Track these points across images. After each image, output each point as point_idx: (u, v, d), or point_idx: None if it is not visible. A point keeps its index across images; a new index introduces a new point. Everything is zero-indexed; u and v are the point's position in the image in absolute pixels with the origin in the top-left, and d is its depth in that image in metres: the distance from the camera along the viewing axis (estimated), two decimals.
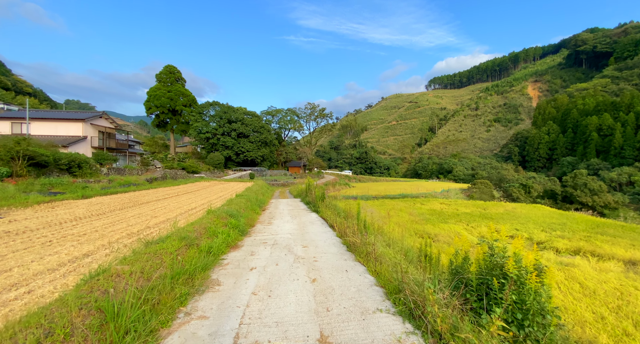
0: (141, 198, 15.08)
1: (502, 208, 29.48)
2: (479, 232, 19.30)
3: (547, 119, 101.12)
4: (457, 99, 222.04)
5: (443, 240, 16.73)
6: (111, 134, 29.06)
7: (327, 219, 8.88)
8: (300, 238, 6.88)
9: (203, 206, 11.92)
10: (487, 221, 22.33)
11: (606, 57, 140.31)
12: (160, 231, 6.83)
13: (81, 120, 25.22)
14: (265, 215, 10.73)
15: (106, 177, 21.64)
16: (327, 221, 8.78)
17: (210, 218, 7.10)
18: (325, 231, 7.66)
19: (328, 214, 9.32)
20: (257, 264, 4.93)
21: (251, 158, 56.83)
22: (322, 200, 11.56)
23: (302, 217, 10.14)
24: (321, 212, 10.36)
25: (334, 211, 9.83)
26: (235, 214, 8.17)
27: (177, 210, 10.90)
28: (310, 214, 10.94)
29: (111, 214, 10.05)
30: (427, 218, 23.67)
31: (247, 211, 10.20)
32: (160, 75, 56.91)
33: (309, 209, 12.53)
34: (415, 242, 13.07)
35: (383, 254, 4.96)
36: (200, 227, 5.84)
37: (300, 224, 8.61)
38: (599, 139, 78.91)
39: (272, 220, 9.54)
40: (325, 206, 10.70)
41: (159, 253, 4.07)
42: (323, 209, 10.45)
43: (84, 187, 17.09)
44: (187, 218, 9.08)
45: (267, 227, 8.32)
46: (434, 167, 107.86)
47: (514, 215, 25.08)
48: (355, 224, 6.89)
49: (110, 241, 6.25)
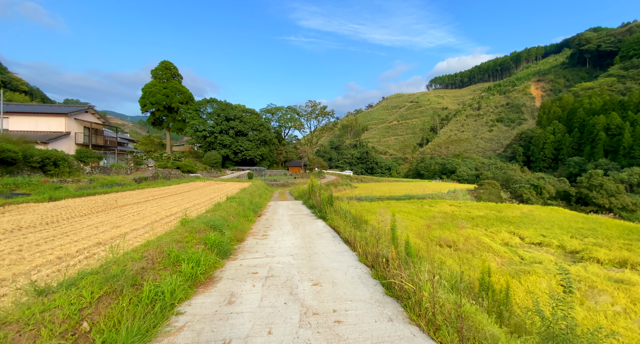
0: (119, 201, 13.06)
1: (518, 211, 27.44)
2: (501, 238, 17.28)
3: (552, 119, 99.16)
4: (459, 98, 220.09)
5: (465, 248, 14.69)
6: (98, 131, 26.98)
7: (340, 230, 6.87)
8: (308, 264, 4.96)
9: (187, 211, 9.91)
10: (507, 226, 20.30)
11: (611, 56, 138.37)
12: (100, 256, 4.79)
13: (63, 114, 23.15)
14: (260, 223, 8.70)
15: (88, 177, 19.62)
16: (340, 234, 6.77)
17: (182, 233, 5.08)
18: (340, 250, 5.67)
19: (339, 223, 7.31)
20: (234, 331, 2.87)
21: (250, 157, 54.79)
22: (329, 204, 9.55)
23: (307, 226, 8.12)
24: (330, 220, 8.34)
25: (345, 218, 7.79)
26: (219, 225, 6.15)
27: (151, 217, 8.88)
28: (316, 221, 8.93)
29: (66, 222, 8.02)
30: (440, 222, 21.61)
31: (238, 218, 8.17)
32: (156, 71, 54.86)
33: (313, 214, 10.52)
34: (444, 255, 11.05)
35: (447, 302, 2.91)
36: (156, 251, 3.83)
37: (305, 238, 6.61)
38: (607, 139, 76.94)
39: (269, 231, 7.52)
40: (334, 211, 8.69)
41: (37, 323, 2.06)
42: (332, 216, 8.43)
43: (57, 188, 15.06)
44: (157, 229, 7.05)
45: (261, 242, 6.30)
46: (437, 168, 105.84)
47: (534, 218, 23.04)
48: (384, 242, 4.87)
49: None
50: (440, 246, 14.91)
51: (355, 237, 5.66)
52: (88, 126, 25.05)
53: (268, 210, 12.32)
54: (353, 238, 5.56)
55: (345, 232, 6.32)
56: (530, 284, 9.88)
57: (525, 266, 12.47)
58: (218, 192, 19.73)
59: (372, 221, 14.96)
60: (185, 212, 7.23)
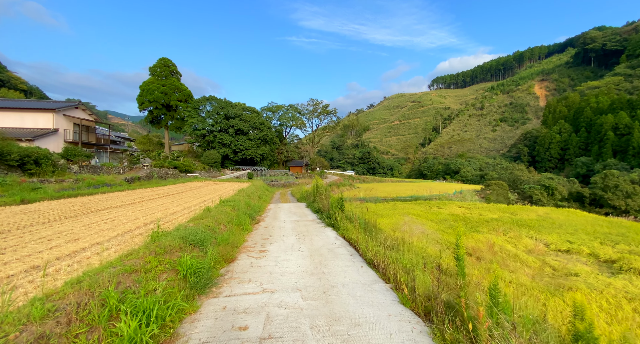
0: (100, 203, 11.61)
1: (534, 213, 25.88)
2: (524, 245, 15.74)
3: (558, 118, 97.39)
4: (461, 98, 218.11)
5: (488, 258, 13.13)
6: (90, 128, 25.57)
7: (359, 244, 5.38)
8: (325, 310, 3.31)
9: (171, 217, 8.45)
10: (526, 230, 18.75)
11: (616, 55, 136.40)
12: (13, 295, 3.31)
13: (51, 110, 21.74)
14: (258, 232, 7.23)
15: (74, 176, 18.21)
16: (359, 250, 5.29)
17: (144, 256, 3.61)
18: (367, 279, 4.11)
19: (356, 235, 5.81)
20: None
21: (250, 157, 53.36)
22: (340, 209, 8.07)
23: (314, 236, 6.65)
24: (342, 229, 6.87)
25: (366, 231, 6.31)
26: (202, 239, 4.68)
27: (126, 225, 7.43)
28: (325, 230, 7.45)
29: (18, 231, 6.58)
30: (453, 226, 20.08)
31: (231, 227, 6.70)
32: (154, 69, 53.49)
33: (320, 220, 9.05)
34: (468, 267, 9.56)
35: None
36: (85, 294, 2.35)
37: (314, 256, 5.13)
38: (616, 139, 75.19)
39: (268, 244, 6.05)
40: (346, 218, 7.20)
41: None
42: (344, 224, 6.96)
43: (35, 188, 13.64)
44: (125, 244, 5.59)
45: (256, 262, 4.82)
46: (440, 168, 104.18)
47: (553, 222, 21.49)
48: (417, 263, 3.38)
49: None
50: (401, 231, 13.44)
51: (381, 256, 4.17)
52: (78, 123, 23.64)
53: (268, 215, 10.86)
54: (383, 262, 4.07)
55: (367, 249, 4.82)
56: (579, 304, 8.39)
57: (561, 279, 10.95)
58: (214, 193, 18.29)
59: (382, 225, 13.48)
60: (157, 223, 5.73)
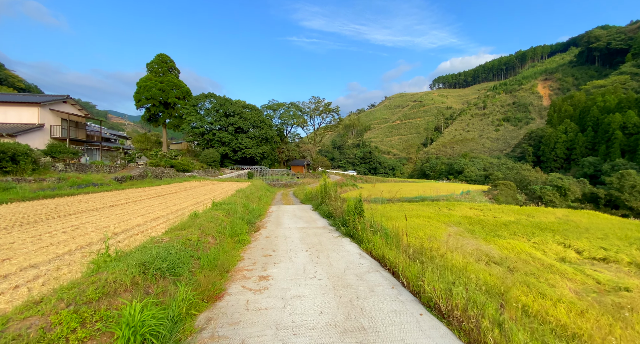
0: (76, 206, 10.08)
1: (552, 215, 24.29)
2: (554, 252, 14.14)
3: (564, 117, 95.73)
4: (463, 98, 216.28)
5: (521, 268, 11.51)
6: (80, 124, 24.03)
7: (399, 270, 3.81)
8: None
9: (151, 224, 6.90)
10: (551, 235, 17.16)
11: (621, 54, 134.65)
12: None
13: (36, 104, 20.21)
14: (257, 246, 5.67)
15: (58, 175, 16.69)
16: (400, 276, 3.72)
17: (51, 311, 2.04)
18: None
19: (390, 254, 4.25)
20: None
21: (250, 156, 51.79)
22: (359, 214, 6.51)
23: (332, 252, 5.09)
24: (366, 242, 5.32)
25: (391, 242, 4.74)
26: (175, 266, 3.13)
27: (89, 236, 5.88)
28: (342, 242, 5.89)
29: None
30: (469, 229, 18.46)
31: (222, 239, 5.14)
32: (152, 65, 51.93)
33: (333, 227, 7.50)
34: None
35: None
36: None
37: (341, 290, 3.51)
38: (624, 138, 73.53)
39: (270, 265, 4.49)
40: (370, 229, 5.64)
41: None
42: (368, 235, 5.41)
43: (7, 188, 12.12)
44: (60, 272, 4.05)
45: (254, 301, 3.21)
46: (443, 168, 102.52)
47: (577, 226, 19.90)
48: None
49: None
50: (487, 264, 11.86)
51: (458, 303, 2.60)
52: (66, 118, 22.10)
53: (269, 219, 9.31)
54: (453, 305, 2.49)
55: (418, 279, 3.20)
56: None
57: (612, 295, 9.33)
58: (210, 193, 16.75)
59: (390, 227, 11.92)
60: (106, 242, 4.19)
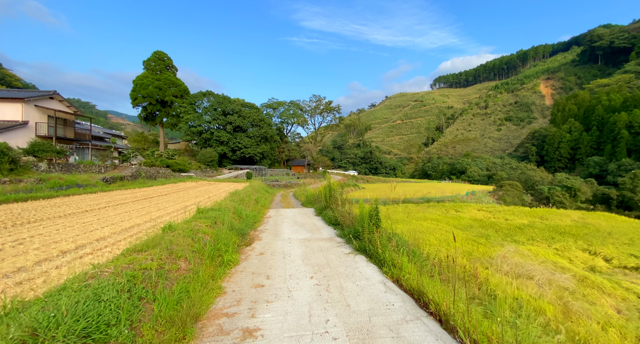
0: (45, 211, 8.82)
1: (567, 218, 22.98)
2: (581, 260, 12.84)
3: (568, 117, 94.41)
4: (464, 98, 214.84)
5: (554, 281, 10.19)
6: (68, 121, 22.76)
7: (455, 320, 2.54)
8: None
9: (117, 238, 5.63)
10: (572, 240, 15.85)
11: (624, 52, 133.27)
12: None
13: (19, 100, 18.95)
14: (247, 268, 4.38)
15: (38, 175, 15.42)
16: (454, 328, 2.47)
17: None
18: None
19: (438, 293, 2.96)
20: None
21: (249, 155, 50.50)
22: (375, 225, 5.23)
23: (345, 281, 3.82)
24: (389, 265, 4.04)
25: (429, 270, 3.44)
26: (109, 323, 1.81)
27: (27, 257, 4.62)
28: (357, 262, 4.61)
29: None
30: (483, 234, 17.11)
31: (199, 262, 3.86)
32: (148, 62, 50.67)
33: (341, 239, 6.22)
34: (531, 297, 6.72)
35: None
36: None
37: None
38: (630, 137, 72.20)
39: (261, 306, 3.19)
40: (392, 247, 4.38)
41: None
42: (391, 254, 4.12)
43: None
44: None
45: None
46: (445, 168, 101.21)
47: (597, 229, 18.57)
48: None
49: None
50: (506, 274, 10.55)
51: None
52: (53, 115, 20.84)
53: (266, 228, 8.03)
54: None
55: None
56: None
57: None
58: (204, 195, 15.49)
59: (399, 231, 10.59)
60: (24, 271, 2.92)
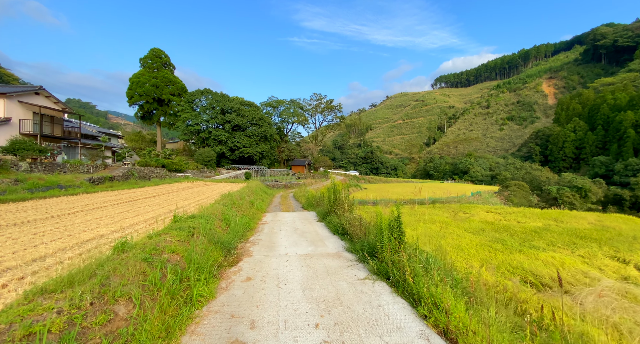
0: (4, 217, 7.57)
1: (584, 220, 21.69)
2: (612, 269, 11.54)
3: (572, 116, 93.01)
4: (465, 97, 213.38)
5: (594, 298, 8.89)
6: (55, 119, 21.56)
7: None
8: None
9: (65, 255, 4.40)
10: (595, 245, 14.55)
11: (628, 51, 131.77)
12: None
13: (1, 95, 17.78)
14: (223, 305, 3.15)
15: (16, 176, 14.20)
16: None
17: None
18: None
19: None
20: None
21: (248, 155, 49.25)
22: (398, 240, 3.99)
23: (369, 335, 2.57)
24: (430, 303, 2.74)
25: None
26: None
27: None
28: (376, 292, 3.36)
29: None
30: (498, 238, 15.78)
31: (151, 303, 2.51)
32: (145, 60, 49.45)
33: (349, 254, 4.99)
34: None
35: None
36: None
37: None
38: (637, 137, 70.81)
39: None
40: (426, 273, 3.10)
41: None
42: (431, 289, 2.79)
43: None
44: None
45: None
46: (447, 168, 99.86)
47: (619, 233, 17.24)
48: None
49: None
50: (531, 285, 9.26)
51: None
52: (38, 112, 19.65)
53: (259, 238, 6.78)
54: None
55: None
56: None
57: None
58: (196, 197, 14.24)
59: (408, 236, 9.33)
60: None
